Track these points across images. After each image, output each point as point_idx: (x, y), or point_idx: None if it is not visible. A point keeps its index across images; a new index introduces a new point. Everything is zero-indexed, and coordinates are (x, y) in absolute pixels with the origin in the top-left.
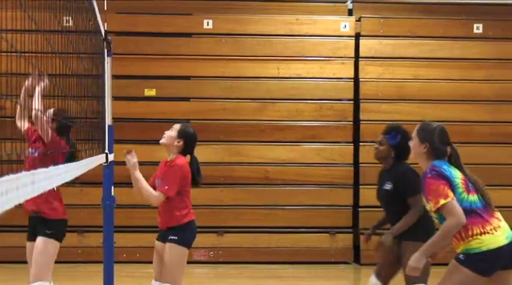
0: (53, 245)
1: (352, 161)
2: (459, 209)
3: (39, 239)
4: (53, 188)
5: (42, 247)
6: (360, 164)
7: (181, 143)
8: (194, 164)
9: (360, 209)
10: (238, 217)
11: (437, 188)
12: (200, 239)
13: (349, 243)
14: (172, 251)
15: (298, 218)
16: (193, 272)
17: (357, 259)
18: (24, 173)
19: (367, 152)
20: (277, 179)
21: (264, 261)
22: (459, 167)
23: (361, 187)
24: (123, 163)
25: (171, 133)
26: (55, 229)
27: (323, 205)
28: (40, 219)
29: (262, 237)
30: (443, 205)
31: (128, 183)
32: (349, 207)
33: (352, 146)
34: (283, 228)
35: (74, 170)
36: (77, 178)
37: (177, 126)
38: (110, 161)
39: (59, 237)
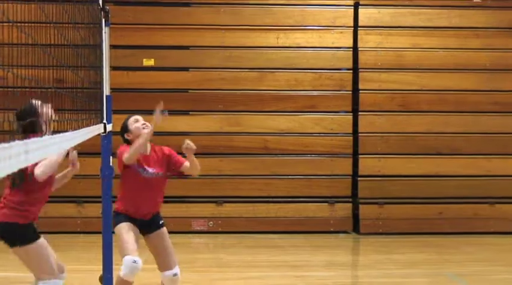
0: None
1: (352, 131)
2: None
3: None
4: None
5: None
6: (359, 134)
7: None
8: None
9: (359, 178)
10: (237, 187)
11: None
12: (199, 209)
13: (349, 212)
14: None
15: (298, 187)
16: (192, 242)
17: (356, 228)
18: (17, 142)
19: (366, 122)
20: (276, 149)
21: (263, 231)
22: None
23: (360, 156)
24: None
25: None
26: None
27: (322, 175)
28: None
29: (261, 207)
30: None
31: None
32: (349, 176)
33: (351, 116)
34: (282, 198)
35: (71, 139)
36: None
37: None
38: (108, 132)
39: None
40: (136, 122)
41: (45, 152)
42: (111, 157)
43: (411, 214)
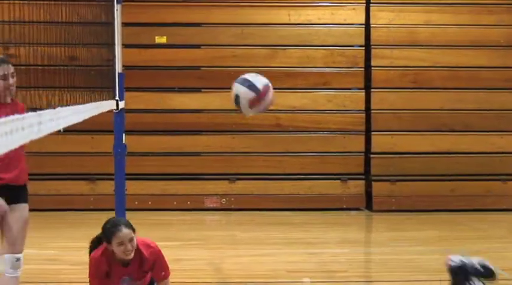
0: None
1: (364, 108)
2: None
3: (26, 206)
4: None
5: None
6: (372, 111)
7: None
8: None
9: (371, 155)
10: (250, 164)
11: None
12: (212, 186)
13: (361, 189)
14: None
15: (310, 164)
16: (205, 219)
17: (368, 205)
18: (30, 113)
19: (379, 99)
20: (289, 126)
21: (276, 208)
22: None
23: (372, 133)
24: (134, 111)
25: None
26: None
27: (335, 152)
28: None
29: (274, 184)
30: None
31: (139, 131)
32: (361, 153)
33: (364, 93)
34: (295, 175)
35: (83, 112)
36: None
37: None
38: (121, 109)
39: None
40: (121, 244)
41: (57, 123)
42: (123, 134)
43: (424, 191)
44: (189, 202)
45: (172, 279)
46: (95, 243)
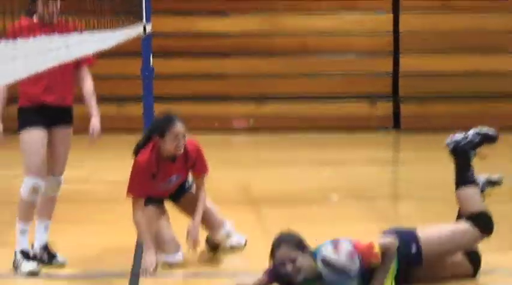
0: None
1: (392, 30)
2: None
3: (68, 129)
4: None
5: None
6: (400, 32)
7: None
8: None
9: (400, 76)
10: (277, 86)
11: None
12: (239, 108)
13: (389, 110)
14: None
15: (338, 85)
16: (233, 141)
17: (396, 125)
18: (57, 36)
19: (407, 20)
20: (316, 49)
21: (304, 128)
22: None
23: (401, 54)
24: (162, 34)
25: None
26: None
27: (363, 73)
28: (64, 108)
29: (301, 105)
30: None
31: (167, 53)
32: (390, 74)
33: (392, 15)
34: (322, 96)
35: (110, 39)
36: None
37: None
38: (148, 33)
39: None
40: (176, 139)
41: (86, 47)
42: (151, 57)
43: (452, 111)
44: (216, 123)
45: None
46: (140, 147)
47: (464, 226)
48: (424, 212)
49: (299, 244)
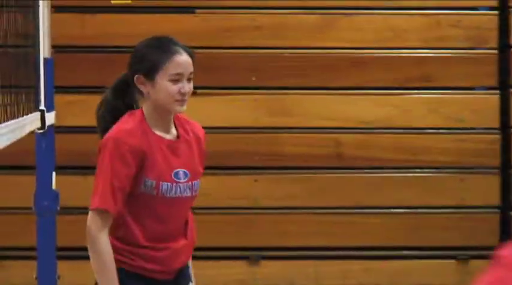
0: None
1: (499, 124)
2: None
3: None
4: None
5: None
6: None
7: None
8: None
9: None
10: None
11: None
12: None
13: None
14: None
15: (397, 234)
16: None
17: None
18: None
19: None
20: (355, 158)
21: None
22: None
23: None
24: (74, 130)
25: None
26: None
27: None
28: None
29: None
30: None
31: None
32: (495, 209)
33: (498, 95)
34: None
35: None
36: None
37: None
38: (49, 126)
39: None
40: (176, 81)
41: None
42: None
43: None
44: None
45: None
46: (107, 114)
47: None
48: None
49: None
